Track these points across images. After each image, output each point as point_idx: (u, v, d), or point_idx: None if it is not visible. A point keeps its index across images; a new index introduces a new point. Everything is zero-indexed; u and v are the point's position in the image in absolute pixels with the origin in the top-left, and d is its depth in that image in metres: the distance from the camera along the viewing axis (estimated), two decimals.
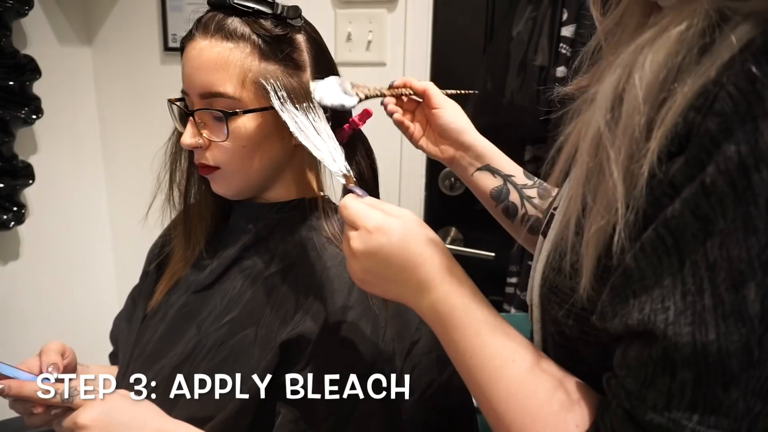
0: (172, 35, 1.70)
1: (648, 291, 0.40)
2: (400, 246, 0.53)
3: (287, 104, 0.69)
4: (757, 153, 0.36)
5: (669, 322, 0.38)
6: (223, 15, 0.70)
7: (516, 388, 0.47)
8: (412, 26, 1.50)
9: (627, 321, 0.41)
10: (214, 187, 0.76)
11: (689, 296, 0.38)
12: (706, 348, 0.37)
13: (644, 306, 0.40)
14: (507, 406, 0.47)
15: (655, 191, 0.40)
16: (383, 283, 0.56)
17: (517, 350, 0.49)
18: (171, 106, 0.76)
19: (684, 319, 0.38)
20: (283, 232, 0.77)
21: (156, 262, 0.87)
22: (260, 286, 0.74)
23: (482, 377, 0.49)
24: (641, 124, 0.41)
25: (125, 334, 0.86)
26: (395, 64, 1.53)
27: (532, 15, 1.37)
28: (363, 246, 0.54)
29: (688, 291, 0.38)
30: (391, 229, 0.53)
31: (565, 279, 0.49)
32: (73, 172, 1.80)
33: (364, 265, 0.55)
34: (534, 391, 0.47)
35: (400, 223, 0.54)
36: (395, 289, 0.55)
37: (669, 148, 0.40)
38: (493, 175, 0.86)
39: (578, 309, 0.47)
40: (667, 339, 0.38)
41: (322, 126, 0.69)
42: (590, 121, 0.45)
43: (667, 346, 0.39)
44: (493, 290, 1.62)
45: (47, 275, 1.74)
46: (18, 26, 1.53)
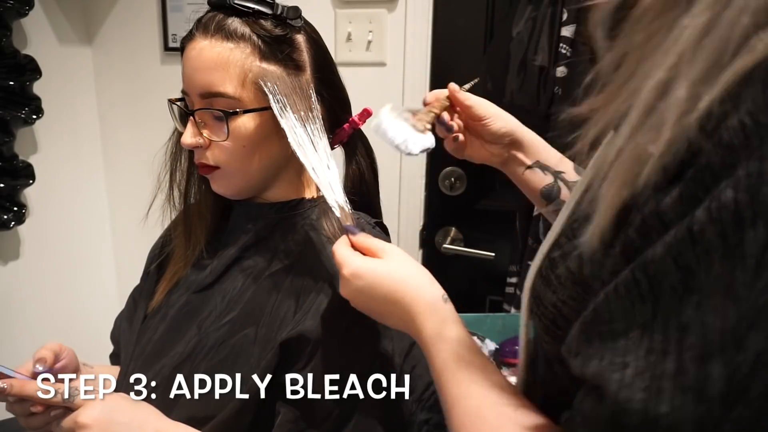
0: (172, 35, 1.70)
1: (614, 338, 0.36)
2: (376, 286, 0.59)
3: (287, 112, 0.69)
4: (757, 205, 0.31)
5: (624, 383, 0.34)
6: (224, 15, 0.70)
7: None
8: (412, 26, 1.50)
9: (584, 369, 0.37)
10: (214, 186, 0.76)
11: (652, 356, 0.34)
12: (658, 421, 0.33)
13: (604, 355, 0.36)
14: None
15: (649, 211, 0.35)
16: (379, 317, 0.62)
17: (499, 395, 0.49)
18: (171, 106, 0.76)
19: (640, 383, 0.33)
20: (283, 231, 0.77)
21: (157, 262, 0.88)
22: (260, 286, 0.74)
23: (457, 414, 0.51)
24: (736, 38, 0.32)
25: (126, 334, 0.86)
26: (395, 64, 1.53)
27: (532, 15, 1.37)
28: (345, 292, 0.61)
29: (652, 349, 0.34)
30: (364, 273, 0.59)
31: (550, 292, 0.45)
32: (74, 172, 1.80)
33: (356, 304, 0.62)
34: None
35: (374, 266, 0.59)
36: (389, 322, 0.61)
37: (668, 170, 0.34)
38: (543, 173, 0.83)
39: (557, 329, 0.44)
40: (617, 403, 0.34)
41: (321, 145, 0.70)
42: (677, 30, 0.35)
43: (616, 410, 0.34)
44: (493, 290, 1.62)
45: (48, 275, 1.74)
46: (18, 26, 1.53)
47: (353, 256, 0.61)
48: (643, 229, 0.36)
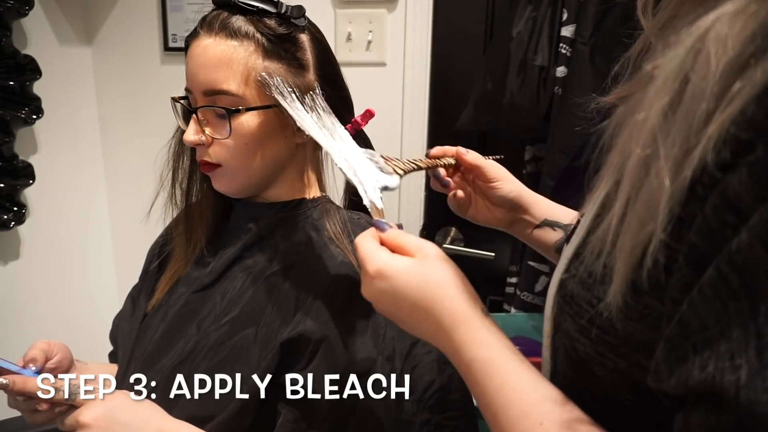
0: (172, 35, 1.70)
1: (712, 345, 0.32)
2: (403, 291, 0.50)
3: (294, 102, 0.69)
4: None
5: (741, 384, 0.30)
6: (228, 13, 0.70)
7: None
8: (412, 26, 1.50)
9: (687, 381, 0.33)
10: (216, 184, 0.76)
11: (767, 353, 0.30)
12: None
13: (707, 363, 0.32)
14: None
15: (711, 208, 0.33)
16: (402, 324, 0.53)
17: (544, 408, 0.43)
18: (174, 103, 0.76)
19: (762, 383, 0.30)
20: (284, 231, 0.77)
21: (157, 261, 0.88)
22: (260, 286, 0.74)
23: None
24: (704, 111, 0.33)
25: (125, 333, 0.86)
26: (395, 64, 1.53)
27: (532, 15, 1.37)
28: (368, 293, 0.53)
29: (765, 346, 0.30)
30: (391, 274, 0.51)
31: (584, 290, 0.44)
32: (74, 172, 1.80)
33: (378, 307, 0.54)
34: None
35: (404, 266, 0.51)
36: (416, 331, 0.53)
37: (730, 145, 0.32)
38: (553, 229, 0.83)
39: (596, 327, 0.42)
40: (740, 406, 0.30)
41: (339, 132, 0.69)
42: (645, 105, 0.38)
43: (741, 415, 0.30)
44: (493, 290, 1.62)
45: (47, 275, 1.74)
46: (18, 26, 1.53)
47: (380, 252, 0.53)
48: (707, 228, 0.33)
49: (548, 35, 1.34)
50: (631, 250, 0.37)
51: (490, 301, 1.65)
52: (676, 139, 0.35)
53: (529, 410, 0.43)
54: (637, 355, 0.40)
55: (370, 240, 0.55)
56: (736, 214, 0.32)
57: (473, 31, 1.54)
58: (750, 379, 0.30)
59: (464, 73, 1.57)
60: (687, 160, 0.34)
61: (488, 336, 0.47)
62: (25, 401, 0.70)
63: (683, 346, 0.34)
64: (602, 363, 0.43)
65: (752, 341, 0.31)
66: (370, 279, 0.52)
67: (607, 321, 0.41)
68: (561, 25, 1.33)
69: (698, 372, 0.32)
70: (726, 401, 0.31)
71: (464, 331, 0.48)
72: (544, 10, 1.34)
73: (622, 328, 0.40)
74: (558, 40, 1.33)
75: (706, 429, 0.32)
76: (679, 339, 0.34)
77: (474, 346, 0.47)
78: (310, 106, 0.70)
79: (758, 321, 0.30)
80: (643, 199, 0.37)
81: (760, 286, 0.31)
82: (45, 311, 1.73)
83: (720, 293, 0.32)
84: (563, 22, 1.33)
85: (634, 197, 0.38)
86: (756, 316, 0.31)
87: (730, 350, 0.31)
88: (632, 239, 0.37)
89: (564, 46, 1.32)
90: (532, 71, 1.36)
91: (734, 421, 0.31)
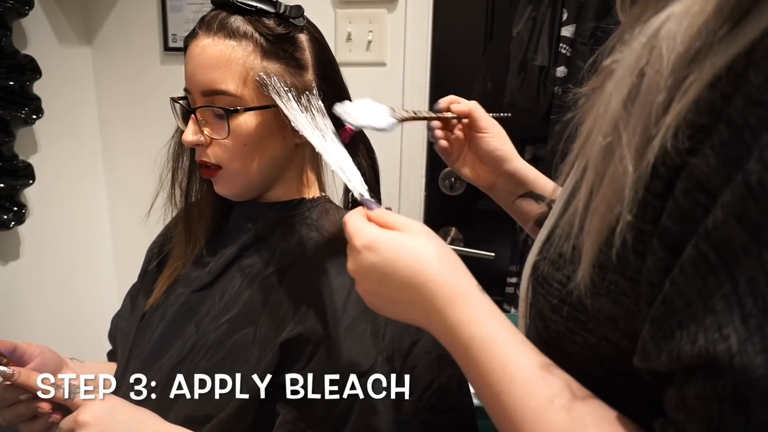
0: (172, 35, 1.70)
1: (698, 320, 0.33)
2: (393, 263, 0.48)
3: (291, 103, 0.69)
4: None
5: (734, 351, 0.31)
6: (226, 13, 0.70)
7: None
8: (412, 26, 1.50)
9: (679, 356, 0.34)
10: (217, 188, 0.76)
11: (752, 320, 0.31)
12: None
13: (697, 337, 0.33)
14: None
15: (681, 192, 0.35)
16: (389, 305, 0.51)
17: (555, 385, 0.42)
18: (173, 104, 0.76)
19: (752, 347, 0.31)
20: (283, 231, 0.77)
21: (156, 260, 0.88)
22: (259, 286, 0.74)
23: (517, 419, 0.42)
24: (661, 102, 0.36)
25: (124, 332, 0.86)
26: (395, 64, 1.53)
27: (532, 15, 1.37)
28: (354, 266, 0.51)
29: (749, 314, 0.31)
30: (381, 246, 0.48)
31: (555, 270, 0.45)
32: (74, 172, 1.80)
33: (363, 286, 0.51)
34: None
35: (393, 238, 0.49)
36: (403, 312, 0.50)
37: (688, 131, 0.34)
38: (536, 202, 0.81)
39: (566, 305, 0.43)
40: (735, 371, 0.31)
41: (329, 133, 0.69)
42: (605, 97, 0.40)
43: (737, 380, 0.31)
44: (493, 290, 1.61)
45: (47, 275, 1.74)
46: (18, 26, 1.53)
47: (369, 226, 0.51)
48: (679, 211, 0.35)
49: (548, 35, 1.35)
50: (598, 232, 0.39)
51: None
52: (636, 128, 0.37)
53: (536, 389, 0.42)
54: (605, 329, 0.42)
55: (358, 216, 0.53)
56: (706, 195, 0.33)
57: (473, 31, 1.54)
58: (741, 346, 0.31)
59: (464, 74, 1.57)
60: (649, 147, 0.36)
61: (488, 313, 0.46)
62: (25, 404, 0.70)
63: (669, 324, 0.35)
64: (573, 339, 0.44)
65: (736, 311, 0.32)
66: (357, 253, 0.50)
67: (576, 299, 0.42)
68: (561, 25, 1.33)
69: (690, 346, 0.33)
70: (721, 369, 0.32)
71: (461, 308, 0.46)
72: (544, 10, 1.35)
73: (590, 304, 0.42)
74: (558, 40, 1.34)
75: (703, 398, 0.33)
76: (665, 318, 0.35)
77: (473, 323, 0.45)
78: (305, 107, 0.70)
79: (739, 292, 0.32)
80: (607, 183, 0.39)
81: (737, 259, 0.32)
82: (45, 311, 1.73)
83: (700, 270, 0.33)
84: (563, 22, 1.33)
85: (598, 183, 0.40)
86: (736, 287, 0.32)
87: (716, 322, 0.32)
88: (599, 221, 0.39)
89: (564, 46, 1.33)
90: (532, 71, 1.36)
91: (731, 387, 0.32)
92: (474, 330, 0.45)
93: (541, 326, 0.48)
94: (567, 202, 0.48)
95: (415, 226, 0.50)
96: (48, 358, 0.75)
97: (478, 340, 0.44)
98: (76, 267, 1.84)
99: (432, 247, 0.49)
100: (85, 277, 1.88)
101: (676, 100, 0.35)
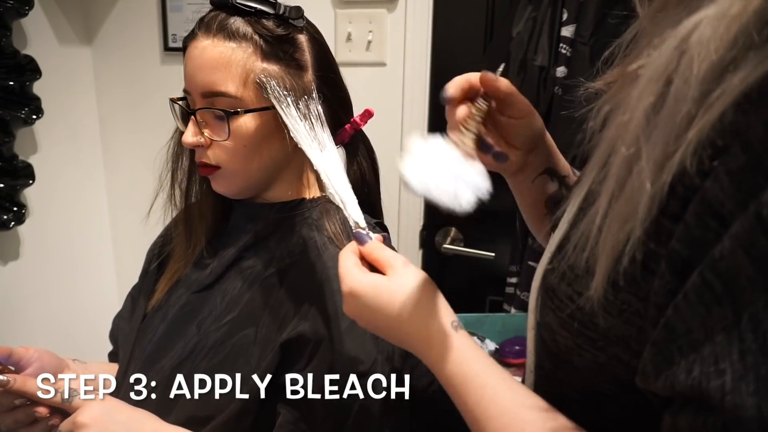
0: (172, 35, 1.70)
1: (696, 348, 0.33)
2: (374, 310, 0.51)
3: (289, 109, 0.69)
4: None
5: (727, 389, 0.31)
6: (226, 14, 0.70)
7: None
8: (412, 26, 1.49)
9: (674, 385, 0.34)
10: (215, 186, 0.76)
11: (750, 356, 0.30)
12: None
13: (692, 367, 0.33)
14: None
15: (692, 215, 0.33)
16: (386, 338, 0.55)
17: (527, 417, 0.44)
18: (173, 105, 0.76)
19: (746, 387, 0.30)
20: (283, 232, 0.77)
21: (157, 261, 0.88)
22: (260, 287, 0.74)
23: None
24: (685, 115, 0.34)
25: (125, 333, 0.86)
26: (395, 64, 1.53)
27: (532, 15, 1.37)
28: (345, 307, 0.54)
29: (747, 350, 0.31)
30: (362, 294, 0.52)
31: (566, 285, 0.44)
32: (73, 172, 1.80)
33: (360, 324, 0.55)
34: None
35: (373, 285, 0.52)
36: (398, 344, 0.55)
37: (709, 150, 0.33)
38: (551, 179, 0.70)
39: (576, 321, 0.43)
40: (726, 410, 0.31)
41: (327, 142, 0.68)
42: (630, 105, 0.38)
43: (727, 419, 0.31)
44: (493, 290, 1.62)
45: (47, 275, 1.74)
46: (18, 26, 1.53)
47: (354, 270, 0.54)
48: (690, 235, 0.34)
49: (548, 35, 1.34)
50: (614, 246, 0.38)
51: (490, 301, 1.65)
52: (658, 142, 0.36)
53: (509, 422, 0.44)
54: (616, 348, 0.41)
55: (349, 257, 0.55)
56: (718, 221, 0.32)
57: (473, 31, 1.54)
58: (735, 384, 0.31)
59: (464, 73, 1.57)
60: (667, 165, 0.35)
61: (461, 352, 0.48)
62: (23, 409, 0.70)
63: (669, 349, 0.34)
64: (581, 355, 0.44)
65: (735, 345, 0.31)
66: (344, 296, 0.54)
67: (586, 315, 0.42)
68: (561, 25, 1.33)
69: (684, 376, 0.33)
70: (712, 406, 0.32)
71: (437, 348, 0.49)
72: (544, 10, 1.34)
73: (601, 322, 0.41)
74: (558, 40, 1.33)
75: (694, 431, 0.33)
76: (666, 342, 0.35)
77: (449, 363, 0.48)
78: (304, 114, 0.70)
79: (740, 326, 0.31)
80: (625, 197, 0.38)
81: (742, 292, 0.31)
82: (45, 311, 1.73)
83: (704, 299, 0.32)
84: (563, 22, 1.33)
85: (617, 195, 0.39)
86: (739, 321, 0.31)
87: (714, 354, 0.32)
88: (614, 236, 0.38)
89: (564, 46, 1.33)
90: (532, 71, 1.36)
91: (721, 425, 0.31)
92: (450, 369, 0.48)
93: (548, 338, 0.48)
94: (581, 210, 0.46)
95: (396, 266, 0.53)
96: (46, 362, 0.75)
97: (455, 378, 0.47)
98: (76, 267, 1.84)
99: (408, 290, 0.51)
100: (85, 278, 1.88)
101: (699, 115, 0.33)
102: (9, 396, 0.69)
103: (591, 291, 0.40)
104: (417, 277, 0.52)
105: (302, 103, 0.70)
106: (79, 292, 1.85)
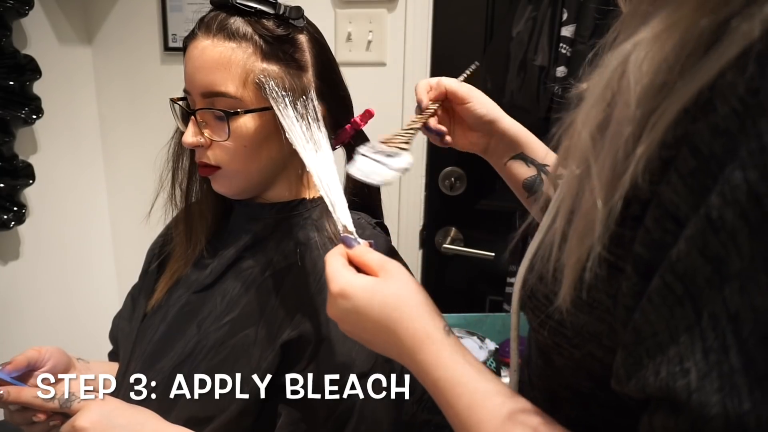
0: (172, 35, 1.70)
1: (663, 350, 0.33)
2: (364, 311, 0.51)
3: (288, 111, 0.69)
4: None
5: (692, 388, 0.32)
6: (226, 15, 0.70)
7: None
8: (412, 26, 1.50)
9: (644, 387, 0.35)
10: (215, 186, 0.76)
11: (712, 354, 0.31)
12: (743, 420, 0.30)
13: (660, 368, 0.33)
14: None
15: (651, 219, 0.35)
16: (368, 344, 0.54)
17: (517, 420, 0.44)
18: (173, 105, 0.76)
19: (710, 384, 0.31)
20: (283, 232, 0.77)
21: (157, 261, 0.88)
22: (260, 287, 0.74)
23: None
24: (629, 135, 0.35)
25: (125, 333, 0.86)
26: (395, 64, 1.53)
27: (532, 15, 1.37)
28: (331, 310, 0.54)
29: (710, 348, 0.31)
30: (352, 294, 0.51)
31: (543, 286, 0.45)
32: (74, 172, 1.80)
33: (343, 327, 0.54)
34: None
35: (364, 286, 0.51)
36: (381, 350, 0.53)
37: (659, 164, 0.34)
38: (526, 165, 0.81)
39: (552, 321, 0.44)
40: (692, 410, 0.32)
41: (323, 145, 0.68)
42: (576, 126, 0.40)
43: (694, 418, 0.32)
44: (493, 290, 1.62)
45: (47, 275, 1.74)
46: (18, 26, 1.53)
47: (344, 271, 0.53)
48: (650, 239, 0.35)
49: (548, 35, 1.35)
50: (577, 260, 0.39)
51: (491, 301, 1.65)
52: (606, 162, 0.37)
53: (500, 426, 0.44)
54: (589, 345, 0.42)
55: (337, 258, 0.55)
56: (675, 223, 0.33)
57: (473, 31, 1.54)
58: (699, 383, 0.32)
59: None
60: (619, 183, 0.36)
61: (452, 356, 0.48)
62: (21, 412, 0.70)
63: (638, 352, 0.35)
64: (560, 353, 0.44)
65: (698, 344, 0.32)
66: (333, 299, 0.52)
67: (562, 314, 0.42)
68: (561, 25, 1.33)
69: (653, 378, 0.34)
70: (680, 405, 0.32)
71: (427, 351, 0.48)
72: (544, 10, 1.34)
73: (574, 320, 0.42)
74: (558, 40, 1.33)
75: (667, 430, 0.34)
76: (634, 345, 0.36)
77: (439, 367, 0.48)
78: (302, 114, 0.70)
79: (702, 325, 0.32)
80: (581, 213, 0.39)
81: (700, 292, 0.32)
82: (45, 311, 1.73)
83: (666, 300, 0.33)
84: (563, 22, 1.33)
85: (576, 210, 0.40)
86: (699, 320, 0.32)
87: (678, 354, 0.33)
88: (575, 251, 0.39)
89: (564, 46, 1.33)
90: (532, 71, 1.36)
91: (689, 424, 0.32)
92: (440, 373, 0.47)
93: (533, 337, 0.49)
94: (555, 217, 0.47)
95: (388, 268, 0.53)
96: (59, 360, 0.75)
97: (444, 382, 0.47)
98: (77, 267, 1.84)
99: (402, 292, 0.51)
100: (85, 277, 1.88)
101: (645, 134, 0.35)
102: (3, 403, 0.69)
103: (559, 299, 0.41)
104: (410, 281, 0.53)
105: (300, 104, 0.70)
106: (79, 292, 1.85)
